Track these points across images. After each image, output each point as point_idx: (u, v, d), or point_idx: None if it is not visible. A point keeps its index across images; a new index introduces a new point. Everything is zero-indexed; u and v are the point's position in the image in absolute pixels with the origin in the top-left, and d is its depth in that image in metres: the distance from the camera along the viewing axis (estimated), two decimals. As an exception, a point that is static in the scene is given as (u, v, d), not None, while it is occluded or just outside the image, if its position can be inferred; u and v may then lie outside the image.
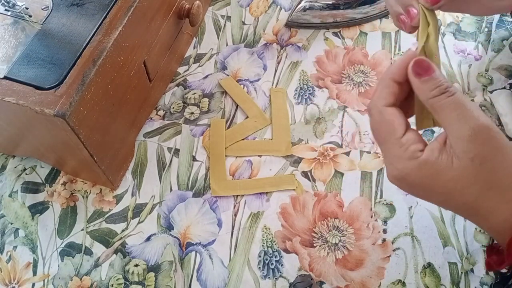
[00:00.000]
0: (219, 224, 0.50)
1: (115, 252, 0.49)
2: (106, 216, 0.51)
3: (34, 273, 0.48)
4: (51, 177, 0.53)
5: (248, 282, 0.47)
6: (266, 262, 0.48)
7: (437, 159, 0.31)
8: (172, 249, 0.48)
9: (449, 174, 0.31)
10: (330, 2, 0.61)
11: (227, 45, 0.63)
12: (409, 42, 0.61)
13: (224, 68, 0.61)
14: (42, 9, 0.45)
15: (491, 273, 0.45)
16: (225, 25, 0.65)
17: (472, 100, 0.56)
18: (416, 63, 0.32)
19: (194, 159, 0.54)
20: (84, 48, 0.41)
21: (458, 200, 0.32)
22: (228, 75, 0.60)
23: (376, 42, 0.62)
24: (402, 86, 0.33)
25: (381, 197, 0.51)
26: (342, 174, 0.52)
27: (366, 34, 0.63)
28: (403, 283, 0.46)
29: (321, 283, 0.46)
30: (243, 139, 0.55)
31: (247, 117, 0.57)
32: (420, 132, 0.35)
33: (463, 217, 0.37)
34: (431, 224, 0.49)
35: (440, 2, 0.34)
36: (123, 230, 0.50)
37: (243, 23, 0.65)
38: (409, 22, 0.35)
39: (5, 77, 0.40)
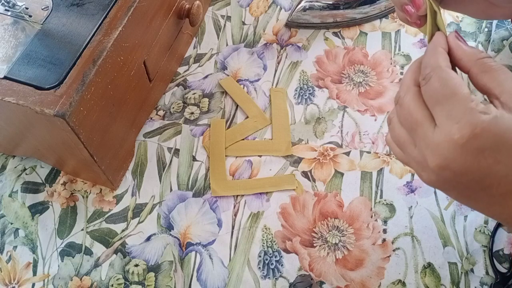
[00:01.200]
0: (219, 224, 0.50)
1: (115, 252, 0.49)
2: (106, 216, 0.51)
3: (34, 273, 0.48)
4: (51, 177, 0.53)
5: (248, 282, 0.47)
6: (266, 262, 0.48)
7: (502, 116, 0.27)
8: (172, 249, 0.48)
9: None
10: (330, 2, 0.61)
11: (227, 45, 0.63)
12: (409, 42, 0.61)
13: (224, 68, 0.61)
14: (42, 9, 0.45)
15: (491, 273, 0.46)
16: (225, 25, 0.65)
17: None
18: (457, 34, 0.31)
19: (194, 159, 0.54)
20: (84, 48, 0.41)
21: None
22: (228, 75, 0.60)
23: (376, 42, 0.62)
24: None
25: (381, 197, 0.51)
26: (342, 174, 0.52)
27: (366, 34, 0.63)
28: (403, 283, 0.46)
29: (321, 283, 0.46)
30: (243, 139, 0.55)
31: (247, 117, 0.57)
32: None
33: (508, 204, 0.29)
34: (431, 224, 0.49)
35: None
36: (123, 230, 0.50)
37: (243, 23, 0.65)
38: (415, 12, 0.34)
39: (5, 77, 0.40)
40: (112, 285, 0.47)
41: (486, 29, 0.61)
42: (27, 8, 0.45)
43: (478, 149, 0.27)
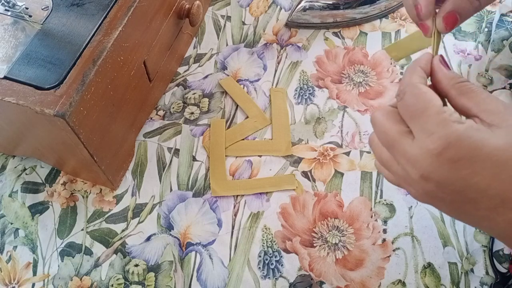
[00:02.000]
0: (219, 224, 0.50)
1: (115, 252, 0.49)
2: (106, 216, 0.51)
3: (34, 273, 0.48)
4: (51, 177, 0.53)
5: (248, 282, 0.47)
6: (266, 262, 0.48)
7: (478, 128, 0.28)
8: (172, 249, 0.48)
9: (495, 141, 0.27)
10: (330, 2, 0.61)
11: (227, 45, 0.63)
12: (409, 42, 0.61)
13: (224, 68, 0.61)
14: (42, 9, 0.45)
15: (491, 273, 0.46)
16: (225, 25, 0.65)
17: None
18: (441, 58, 0.32)
19: (194, 159, 0.54)
20: (84, 48, 0.41)
21: (505, 173, 0.27)
22: (228, 75, 0.60)
23: (376, 42, 0.62)
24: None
25: (381, 197, 0.51)
26: (342, 174, 0.52)
27: (366, 34, 0.63)
28: (403, 283, 0.46)
29: (321, 283, 0.46)
30: (243, 139, 0.55)
31: (247, 117, 0.57)
32: None
33: (498, 215, 0.28)
34: (431, 224, 0.49)
35: (442, 15, 0.33)
36: (123, 230, 0.50)
37: (243, 23, 0.65)
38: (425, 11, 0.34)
39: (5, 77, 0.40)
40: (112, 285, 0.47)
41: (486, 29, 0.61)
42: (27, 8, 0.45)
43: (453, 159, 0.27)
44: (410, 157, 0.29)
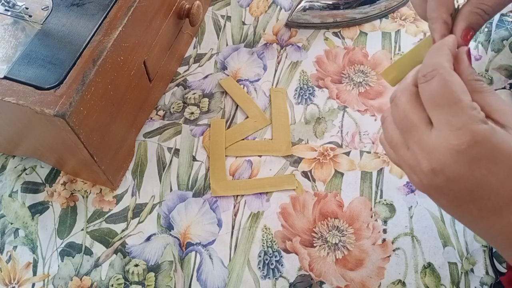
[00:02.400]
0: (219, 224, 0.50)
1: (115, 252, 0.49)
2: (106, 216, 0.51)
3: (34, 273, 0.48)
4: (51, 177, 0.53)
5: (248, 282, 0.47)
6: (266, 262, 0.48)
7: (500, 130, 0.27)
8: (172, 249, 0.48)
9: None
10: (330, 2, 0.61)
11: (227, 45, 0.63)
12: (409, 42, 0.61)
13: (224, 68, 0.61)
14: (42, 9, 0.45)
15: (491, 273, 0.46)
16: (225, 25, 0.65)
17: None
18: (469, 52, 0.31)
19: (194, 159, 0.54)
20: (84, 48, 0.41)
21: None
22: (228, 75, 0.60)
23: (376, 42, 0.62)
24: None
25: (381, 197, 0.51)
26: (342, 174, 0.52)
27: (366, 34, 0.63)
28: (403, 283, 0.46)
29: (321, 283, 0.46)
30: (243, 139, 0.55)
31: (247, 117, 0.57)
32: None
33: (504, 215, 0.28)
34: (431, 224, 0.49)
35: (457, 32, 0.33)
36: (123, 230, 0.50)
37: (243, 23, 0.65)
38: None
39: (5, 77, 0.40)
40: (112, 285, 0.47)
41: (486, 29, 0.61)
42: (27, 8, 0.45)
43: (475, 157, 0.27)
44: (425, 147, 0.28)
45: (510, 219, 0.28)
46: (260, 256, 0.48)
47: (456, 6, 0.34)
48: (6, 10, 0.45)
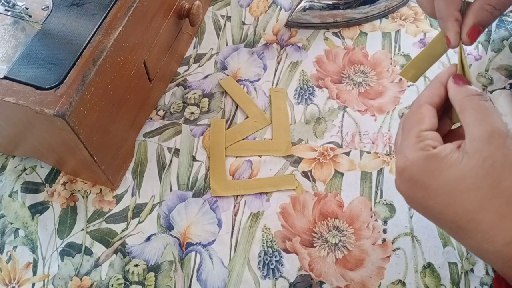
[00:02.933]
0: (219, 224, 0.50)
1: (115, 252, 0.49)
2: (106, 216, 0.51)
3: (34, 273, 0.48)
4: (51, 177, 0.53)
5: (248, 282, 0.47)
6: (266, 262, 0.48)
7: (446, 156, 0.30)
8: (172, 249, 0.48)
9: (454, 172, 0.29)
10: (330, 2, 0.61)
11: (227, 45, 0.63)
12: (409, 42, 0.61)
13: (224, 68, 0.61)
14: (42, 9, 0.45)
15: (491, 273, 0.46)
16: (225, 25, 0.65)
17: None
18: (457, 76, 0.33)
19: (194, 159, 0.54)
20: (84, 48, 0.41)
21: (458, 206, 0.29)
22: (228, 75, 0.60)
23: (376, 42, 0.62)
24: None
25: (381, 197, 0.51)
26: (342, 174, 0.52)
27: (366, 34, 0.63)
28: (403, 283, 0.46)
29: (321, 283, 0.46)
30: (243, 139, 0.55)
31: (247, 117, 0.57)
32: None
33: (459, 239, 0.32)
34: (431, 224, 0.49)
35: (465, 30, 0.34)
36: (123, 230, 0.50)
37: (243, 23, 0.65)
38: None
39: (5, 77, 0.40)
40: (112, 285, 0.47)
41: (486, 29, 0.61)
42: (27, 8, 0.45)
43: (410, 180, 0.31)
44: (396, 167, 0.33)
45: (470, 242, 0.30)
46: (260, 256, 0.48)
47: (463, 0, 0.34)
48: (6, 10, 0.45)
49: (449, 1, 0.33)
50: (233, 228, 0.50)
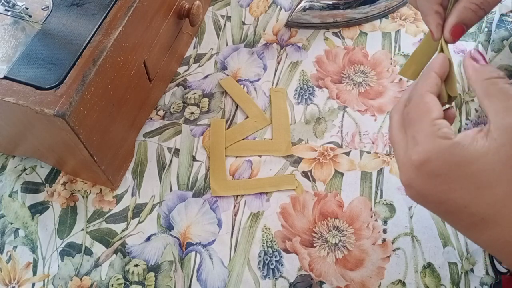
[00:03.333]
0: (219, 224, 0.50)
1: (115, 252, 0.49)
2: (106, 216, 0.51)
3: (34, 273, 0.48)
4: (51, 177, 0.53)
5: (248, 282, 0.47)
6: (266, 262, 0.48)
7: (471, 144, 0.27)
8: (172, 249, 0.48)
9: (484, 161, 0.27)
10: (330, 2, 0.61)
11: (227, 45, 0.63)
12: (409, 42, 0.61)
13: (224, 68, 0.61)
14: (42, 9, 0.45)
15: (491, 273, 0.46)
16: (225, 25, 0.65)
17: (472, 100, 0.56)
18: (474, 53, 0.31)
19: (194, 159, 0.54)
20: (84, 48, 0.41)
21: (486, 197, 0.27)
22: (228, 75, 0.60)
23: (376, 42, 0.62)
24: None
25: (381, 197, 0.51)
26: (342, 174, 0.52)
27: (366, 34, 0.63)
28: (403, 283, 0.46)
29: (321, 283, 0.46)
30: (243, 139, 0.55)
31: (247, 117, 0.57)
32: None
33: (476, 233, 0.29)
34: (431, 224, 0.49)
35: (447, 28, 0.34)
36: (123, 230, 0.50)
37: (243, 23, 0.65)
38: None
39: (5, 77, 0.40)
40: (112, 285, 0.47)
41: (486, 29, 0.61)
42: (27, 8, 0.45)
43: (432, 174, 0.28)
44: (399, 163, 0.30)
45: (490, 234, 0.28)
46: (260, 256, 0.48)
47: None
48: (6, 10, 0.45)
49: None
50: (233, 228, 0.50)
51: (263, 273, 0.47)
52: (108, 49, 0.41)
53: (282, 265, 0.47)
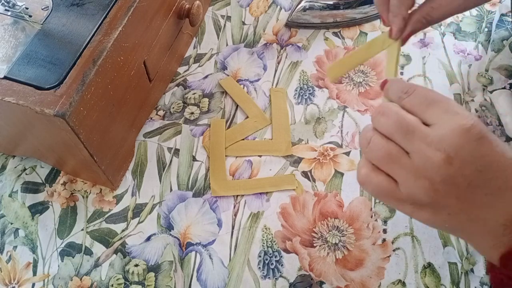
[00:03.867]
0: (219, 224, 0.50)
1: (115, 252, 0.49)
2: (106, 216, 0.51)
3: (34, 273, 0.48)
4: (51, 177, 0.53)
5: (248, 282, 0.47)
6: (266, 262, 0.48)
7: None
8: (172, 249, 0.48)
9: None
10: (330, 2, 0.61)
11: (227, 45, 0.63)
12: (409, 42, 0.61)
13: (224, 68, 0.61)
14: (42, 9, 0.45)
15: (491, 273, 0.46)
16: (225, 25, 0.65)
17: (472, 100, 0.56)
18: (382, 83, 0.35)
19: (194, 159, 0.54)
20: (84, 48, 0.41)
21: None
22: (228, 75, 0.60)
23: (376, 42, 0.62)
24: None
25: (381, 197, 0.50)
26: (342, 174, 0.52)
27: (366, 34, 0.63)
28: (403, 283, 0.46)
29: (321, 283, 0.46)
30: (243, 139, 0.55)
31: (247, 117, 0.57)
32: None
33: (499, 203, 0.29)
34: (431, 224, 0.49)
35: (403, 35, 0.39)
36: (123, 230, 0.50)
37: (243, 23, 0.65)
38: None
39: (5, 77, 0.40)
40: (112, 285, 0.47)
41: (486, 29, 0.62)
42: (27, 8, 0.45)
43: (481, 135, 0.28)
44: (434, 140, 0.28)
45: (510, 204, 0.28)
46: (260, 256, 0.48)
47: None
48: (6, 10, 0.45)
49: (402, 1, 0.37)
50: (233, 228, 0.50)
51: (263, 273, 0.47)
52: (108, 49, 0.41)
53: (282, 265, 0.47)
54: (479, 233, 0.30)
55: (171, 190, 0.52)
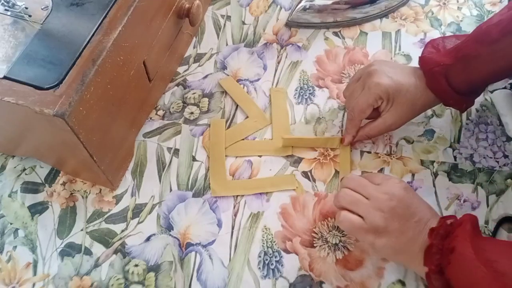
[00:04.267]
0: (219, 224, 0.50)
1: (115, 252, 0.49)
2: (105, 216, 0.51)
3: (34, 273, 0.48)
4: (51, 177, 0.53)
5: (248, 282, 0.46)
6: (266, 262, 0.48)
7: None
8: (172, 249, 0.48)
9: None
10: (330, 2, 0.61)
11: (227, 44, 0.63)
12: (409, 41, 0.61)
13: (224, 68, 0.61)
14: (42, 9, 0.45)
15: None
16: (225, 24, 0.65)
17: (473, 100, 0.56)
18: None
19: (194, 159, 0.54)
20: (84, 48, 0.41)
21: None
22: (228, 75, 0.60)
23: (376, 41, 0.62)
24: None
25: (381, 197, 0.50)
26: (342, 174, 0.52)
27: (366, 34, 0.63)
28: (403, 283, 0.46)
29: (321, 283, 0.46)
30: (243, 139, 0.55)
31: (247, 117, 0.57)
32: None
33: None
34: (431, 224, 0.48)
35: (347, 141, 0.53)
36: (122, 230, 0.50)
37: (243, 23, 0.65)
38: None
39: (5, 77, 0.40)
40: (112, 285, 0.47)
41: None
42: (27, 8, 0.45)
43: (406, 186, 0.44)
44: (381, 189, 0.43)
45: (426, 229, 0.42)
46: (260, 256, 0.48)
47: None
48: (6, 10, 0.45)
49: (352, 125, 0.52)
50: (233, 228, 0.50)
51: (263, 273, 0.47)
52: (108, 49, 0.41)
53: (282, 265, 0.47)
54: (414, 252, 0.41)
55: (170, 190, 0.52)
